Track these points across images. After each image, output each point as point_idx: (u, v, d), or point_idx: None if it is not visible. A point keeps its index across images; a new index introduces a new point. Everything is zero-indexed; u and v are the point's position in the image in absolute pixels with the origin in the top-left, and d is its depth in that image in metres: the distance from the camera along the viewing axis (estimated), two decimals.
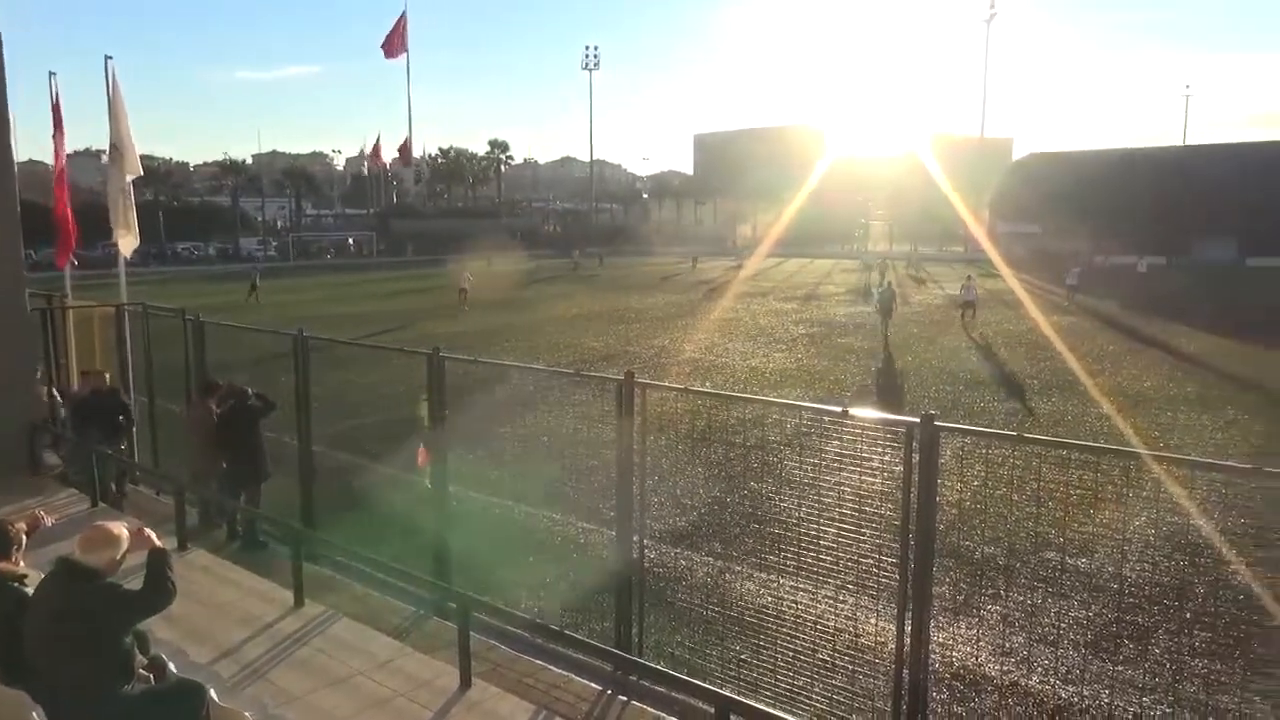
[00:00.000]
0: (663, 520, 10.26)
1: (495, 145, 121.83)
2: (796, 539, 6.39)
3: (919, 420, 5.45)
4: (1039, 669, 7.46)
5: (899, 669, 5.68)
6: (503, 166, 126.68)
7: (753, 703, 5.26)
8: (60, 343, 13.02)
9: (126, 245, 13.56)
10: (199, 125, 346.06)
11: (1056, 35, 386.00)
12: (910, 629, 5.57)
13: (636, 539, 7.05)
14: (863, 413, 6.05)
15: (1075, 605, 8.47)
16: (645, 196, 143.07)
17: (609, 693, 6.45)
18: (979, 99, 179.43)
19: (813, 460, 6.41)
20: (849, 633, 6.47)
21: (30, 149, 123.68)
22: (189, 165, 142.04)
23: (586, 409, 8.25)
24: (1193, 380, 21.39)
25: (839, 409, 6.08)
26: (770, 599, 7.04)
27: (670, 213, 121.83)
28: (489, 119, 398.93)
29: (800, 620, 6.48)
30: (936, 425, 5.43)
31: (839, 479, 6.06)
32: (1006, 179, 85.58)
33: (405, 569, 7.60)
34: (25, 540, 5.36)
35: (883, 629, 6.09)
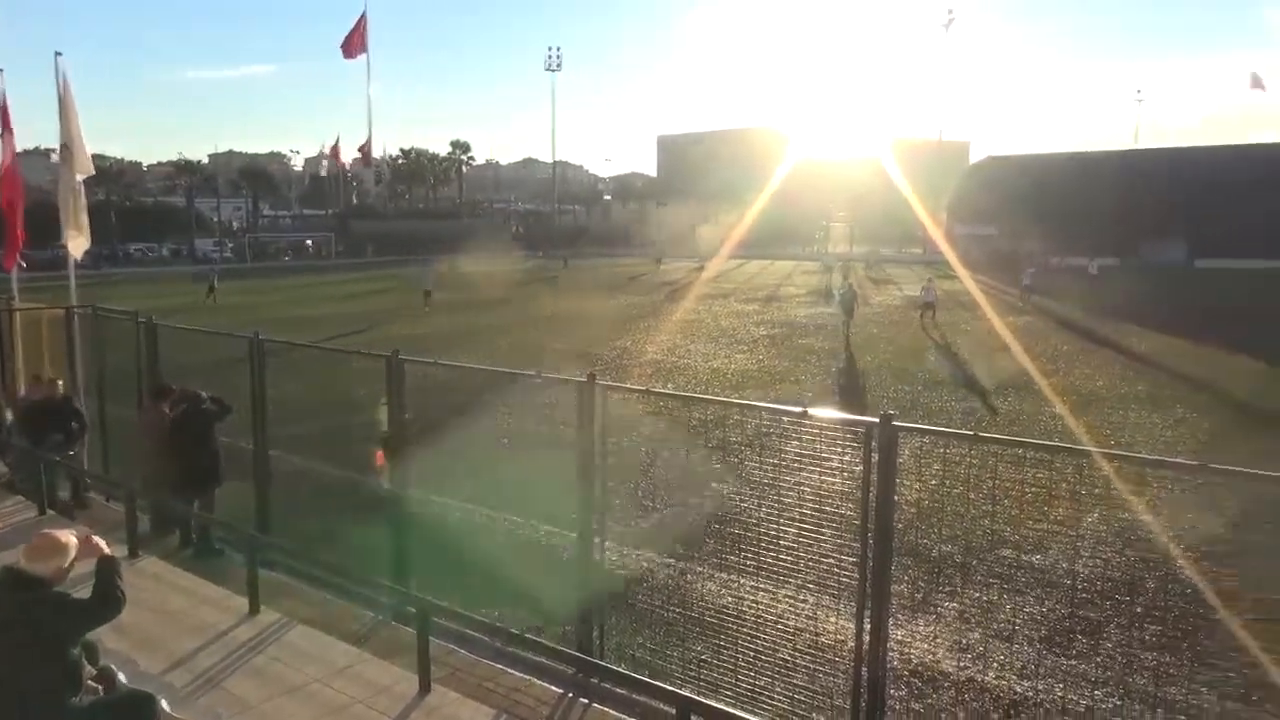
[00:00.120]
0: (624, 522, 10.25)
1: (457, 146, 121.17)
2: (757, 539, 6.42)
3: (878, 420, 5.51)
4: (995, 664, 7.56)
5: (858, 667, 5.73)
6: (464, 167, 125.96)
7: (713, 703, 5.28)
8: (7, 346, 12.71)
9: (77, 246, 13.27)
10: (153, 124, 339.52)
11: (1012, 40, 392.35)
12: (869, 627, 5.62)
13: (598, 541, 7.04)
14: (822, 413, 6.10)
15: (1030, 601, 8.60)
16: (608, 198, 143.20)
17: (570, 696, 6.43)
18: (937, 103, 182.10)
19: (773, 461, 6.45)
20: (809, 632, 6.51)
21: None
22: (142, 165, 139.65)
23: (548, 411, 8.23)
24: (1143, 379, 21.84)
25: (799, 409, 6.12)
26: (731, 599, 7.07)
27: (633, 214, 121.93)
28: (450, 119, 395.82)
29: (761, 620, 6.51)
30: (895, 425, 5.49)
31: (799, 479, 6.10)
32: (963, 182, 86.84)
33: (363, 574, 7.52)
34: None
35: (842, 627, 6.14)
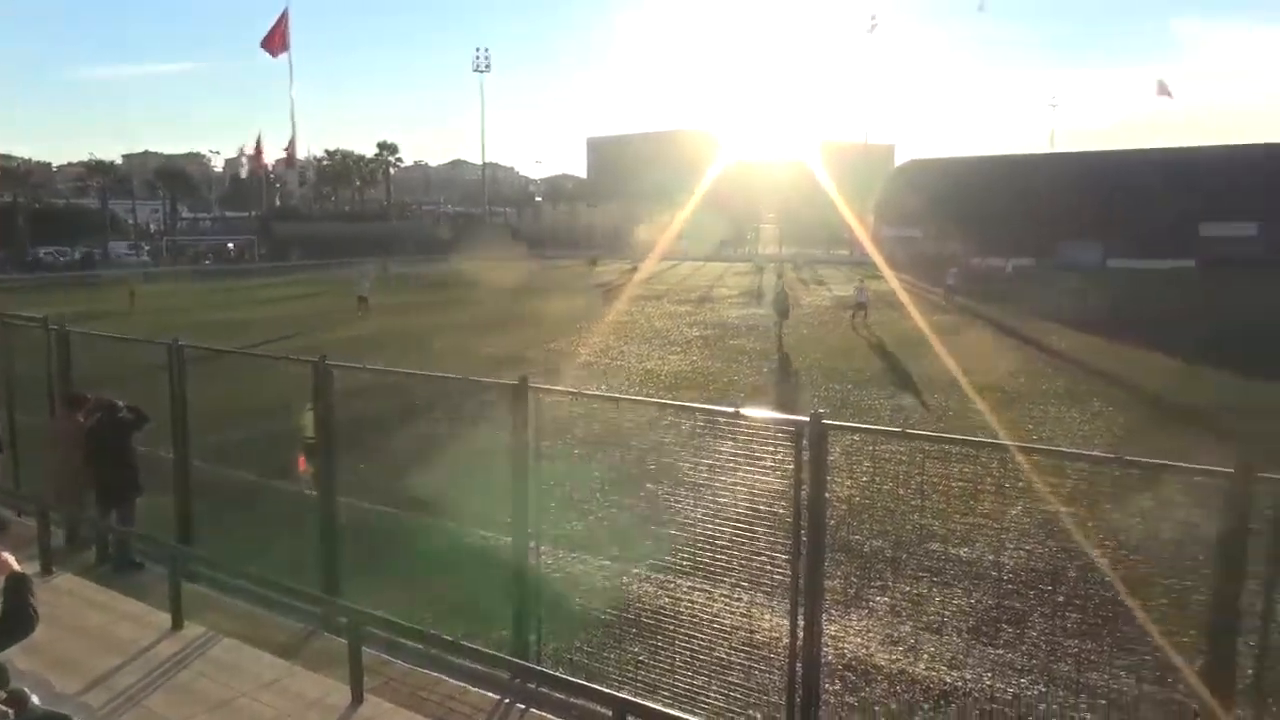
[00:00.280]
0: (559, 525, 10.20)
1: (383, 147, 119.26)
2: (692, 539, 6.45)
3: (808, 419, 5.58)
4: (925, 656, 7.73)
5: (792, 663, 5.80)
6: (391, 169, 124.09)
7: (650, 703, 5.28)
8: None
9: None
10: (63, 123, 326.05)
11: (934, 47, 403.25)
12: (803, 623, 5.69)
13: (533, 545, 6.99)
14: (754, 413, 6.15)
15: (958, 593, 8.81)
16: (539, 200, 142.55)
17: (507, 701, 6.38)
18: (863, 107, 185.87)
19: (707, 461, 6.49)
20: (745, 630, 6.57)
21: None
22: (51, 166, 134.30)
23: (481, 414, 8.15)
24: (1062, 376, 22.59)
25: (731, 409, 6.17)
26: (668, 600, 7.09)
27: (565, 216, 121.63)
28: (376, 121, 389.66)
29: (697, 620, 6.54)
30: (825, 424, 5.57)
31: (733, 479, 6.15)
32: (888, 185, 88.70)
33: (291, 584, 7.34)
34: None
35: (777, 624, 6.21)
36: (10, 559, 4.61)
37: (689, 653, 6.49)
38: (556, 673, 6.45)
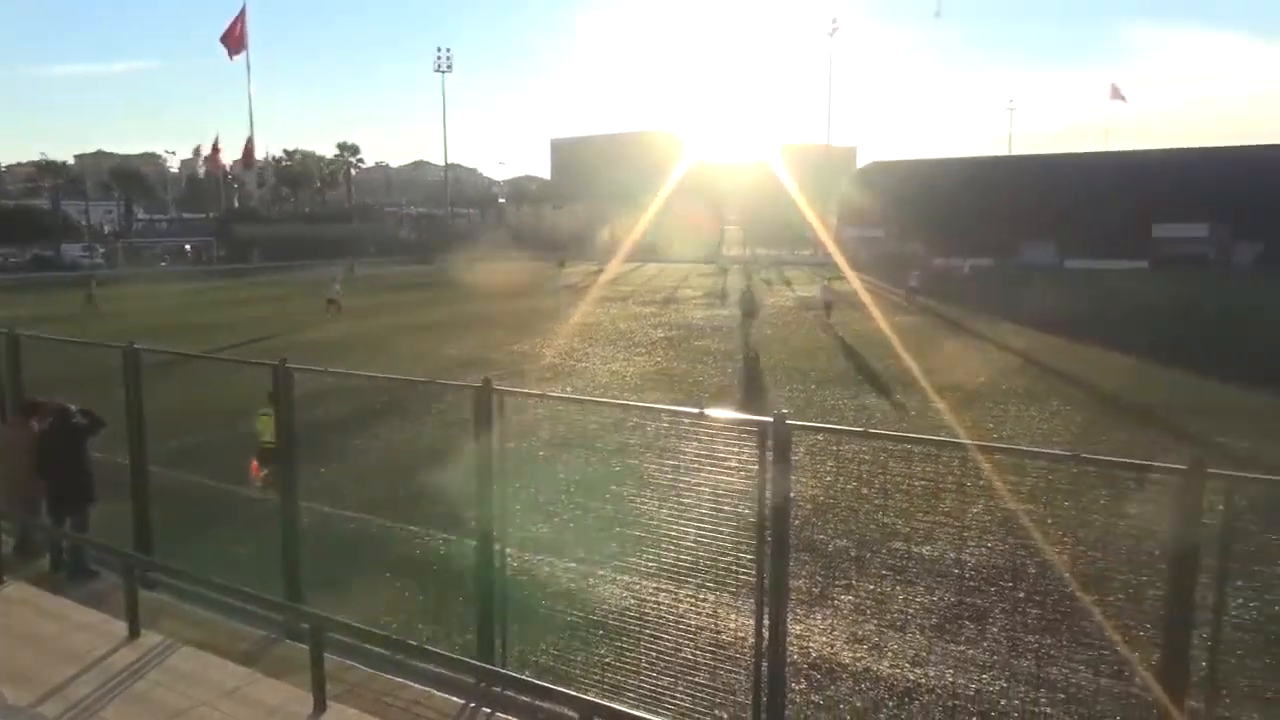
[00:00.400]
0: (525, 528, 10.17)
1: (344, 148, 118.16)
2: (658, 540, 6.45)
3: (772, 419, 5.60)
4: (889, 654, 7.80)
5: (758, 663, 5.82)
6: (352, 170, 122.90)
7: (616, 705, 5.28)
8: None
9: None
10: (11, 123, 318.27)
11: (895, 50, 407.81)
12: (768, 623, 5.72)
13: (498, 548, 6.95)
14: (719, 413, 6.17)
15: (921, 591, 8.91)
16: (502, 201, 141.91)
17: (472, 705, 6.34)
18: (824, 109, 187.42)
19: (672, 462, 6.50)
20: (710, 630, 6.59)
21: None
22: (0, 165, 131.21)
23: (445, 417, 8.09)
24: (1022, 375, 22.92)
25: (695, 410, 6.18)
26: (634, 601, 7.09)
27: (529, 217, 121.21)
28: (337, 121, 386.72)
29: (663, 621, 6.55)
30: (788, 424, 5.60)
31: (698, 479, 6.16)
32: (851, 186, 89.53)
33: (252, 590, 7.23)
34: None
35: (743, 624, 6.23)
36: None
37: (655, 654, 6.50)
38: (522, 676, 6.42)
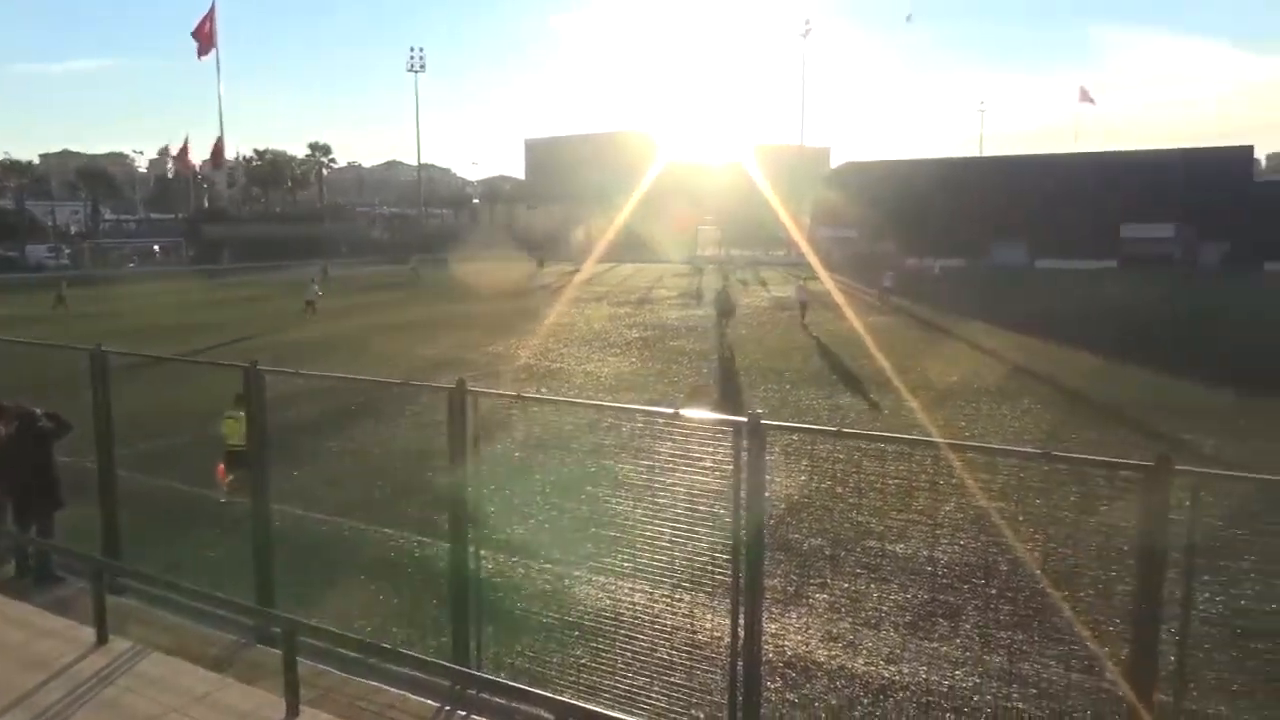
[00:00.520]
0: (499, 529, 10.13)
1: (316, 148, 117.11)
2: (633, 541, 6.45)
3: (746, 419, 5.62)
4: (864, 652, 7.85)
5: (733, 662, 5.83)
6: (324, 170, 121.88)
7: (592, 706, 5.27)
8: None
9: None
10: None
11: (867, 52, 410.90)
12: (744, 622, 5.73)
13: (472, 550, 6.92)
14: (693, 414, 6.18)
15: (895, 589, 8.97)
16: (476, 201, 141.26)
17: (447, 708, 6.31)
18: (798, 110, 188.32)
19: (647, 462, 6.50)
20: (686, 630, 6.59)
21: None
22: None
23: (419, 419, 8.04)
24: (993, 374, 23.14)
25: (670, 411, 6.19)
26: (609, 602, 7.08)
27: (503, 217, 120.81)
28: (309, 121, 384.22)
29: (638, 621, 6.55)
30: (763, 424, 5.62)
31: (673, 479, 6.16)
32: (824, 187, 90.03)
33: (222, 595, 7.15)
34: None
35: (718, 624, 6.24)
36: None
37: (631, 654, 6.49)
38: (498, 678, 6.40)
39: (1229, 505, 5.64)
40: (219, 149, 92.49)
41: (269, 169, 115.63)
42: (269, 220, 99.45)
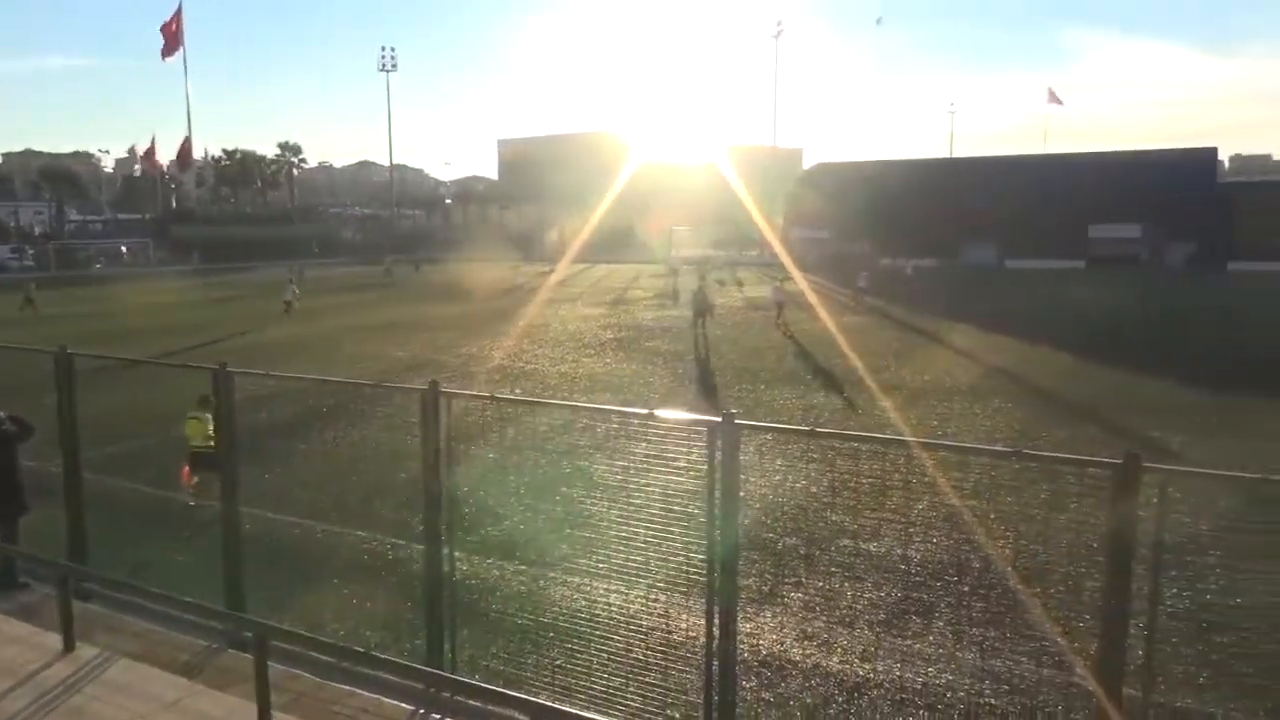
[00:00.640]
0: (474, 532, 10.09)
1: (286, 148, 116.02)
2: (609, 541, 6.44)
3: (720, 419, 5.63)
4: (838, 650, 7.89)
5: (709, 661, 5.84)
6: (295, 170, 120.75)
7: (567, 708, 5.26)
8: None
9: None
10: None
11: (838, 53, 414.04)
12: (719, 621, 5.74)
13: (446, 552, 6.88)
14: (668, 414, 6.18)
15: (869, 587, 9.03)
16: (449, 202, 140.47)
17: (422, 712, 6.27)
18: (770, 111, 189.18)
19: (622, 463, 6.49)
20: (661, 630, 6.59)
21: None
22: None
23: (392, 420, 7.98)
24: (966, 373, 23.35)
25: (644, 411, 6.19)
26: (584, 603, 7.07)
27: (476, 218, 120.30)
28: (279, 121, 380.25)
29: (614, 622, 6.54)
30: (737, 424, 5.63)
31: (648, 480, 6.16)
32: (797, 187, 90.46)
33: (192, 600, 7.06)
34: None
35: (694, 624, 6.24)
36: None
37: (607, 655, 6.49)
38: (472, 680, 6.36)
39: (1196, 502, 5.73)
40: (186, 148, 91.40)
41: (238, 169, 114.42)
42: (239, 221, 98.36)
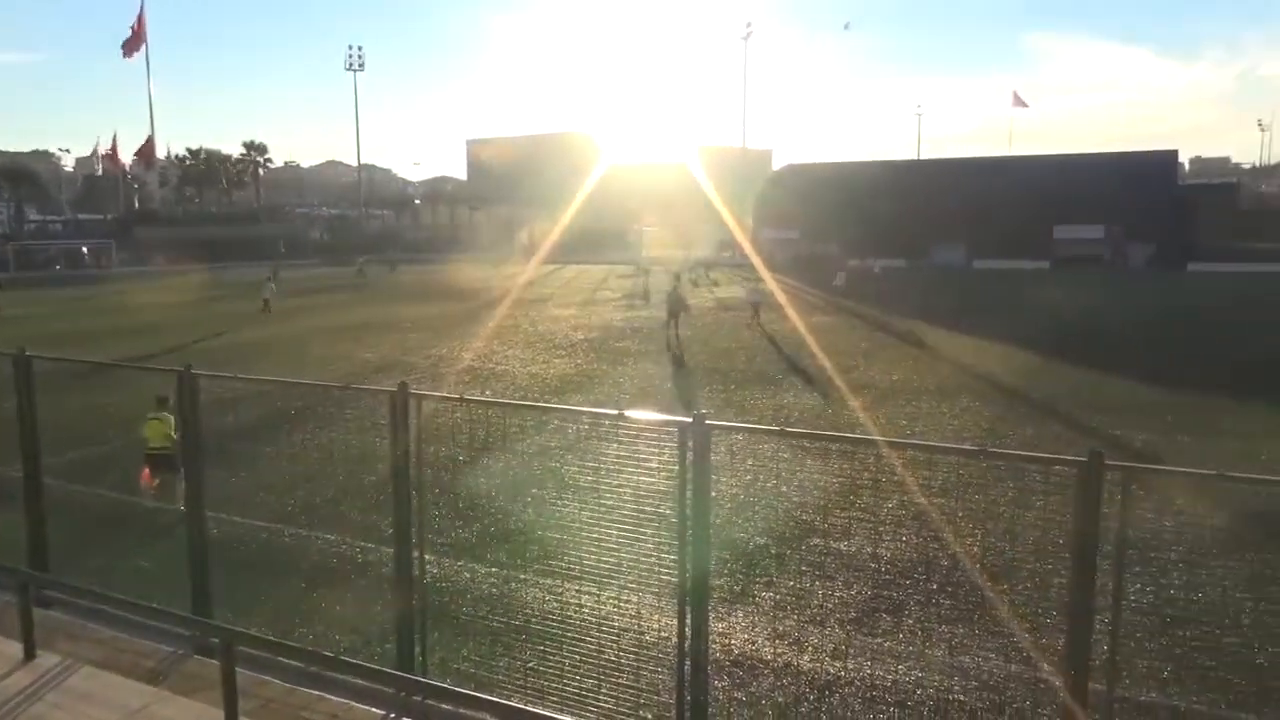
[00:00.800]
0: (444, 534, 10.03)
1: (251, 147, 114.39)
2: (580, 543, 6.43)
3: (690, 420, 5.64)
4: (810, 648, 7.94)
5: (681, 661, 5.84)
6: (261, 169, 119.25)
7: (540, 710, 5.24)
8: None
9: None
10: None
11: (807, 55, 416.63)
12: (690, 622, 5.75)
13: (416, 555, 6.83)
14: (638, 414, 6.18)
15: (839, 586, 9.09)
16: (418, 202, 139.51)
17: (392, 716, 6.22)
18: (740, 112, 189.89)
19: (593, 464, 6.48)
20: (633, 631, 6.59)
21: None
22: None
23: (361, 422, 7.92)
24: (934, 373, 23.58)
25: (615, 412, 6.18)
26: (556, 604, 7.05)
27: (445, 218, 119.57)
28: (245, 120, 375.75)
29: (586, 623, 6.53)
30: (707, 424, 5.64)
31: (619, 481, 6.16)
32: (767, 188, 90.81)
33: (157, 605, 6.95)
34: None
35: (665, 624, 6.25)
36: None
37: (579, 656, 6.47)
38: (444, 684, 6.32)
39: (1158, 499, 5.83)
40: (149, 147, 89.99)
41: (203, 168, 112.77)
42: (204, 221, 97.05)
